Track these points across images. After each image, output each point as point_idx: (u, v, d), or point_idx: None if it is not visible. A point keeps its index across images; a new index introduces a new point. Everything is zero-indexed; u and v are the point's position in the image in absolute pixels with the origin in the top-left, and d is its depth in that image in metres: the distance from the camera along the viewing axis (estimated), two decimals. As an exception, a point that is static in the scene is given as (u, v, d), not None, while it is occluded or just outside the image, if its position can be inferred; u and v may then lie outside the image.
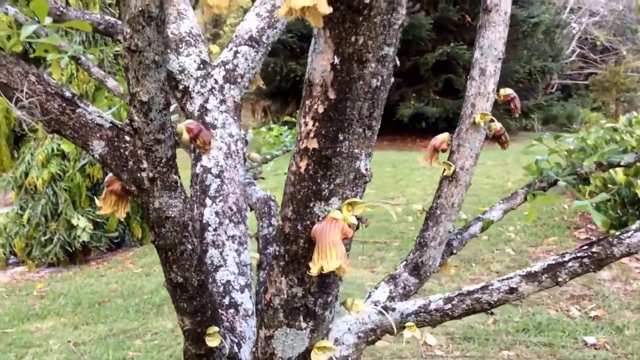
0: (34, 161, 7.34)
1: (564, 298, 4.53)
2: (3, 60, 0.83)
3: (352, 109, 0.80)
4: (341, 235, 0.80)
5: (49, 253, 7.21)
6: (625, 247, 1.18)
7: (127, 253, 7.68)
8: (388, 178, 10.25)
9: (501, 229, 6.62)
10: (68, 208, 7.22)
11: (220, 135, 1.40)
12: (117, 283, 6.44)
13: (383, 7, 0.76)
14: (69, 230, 7.21)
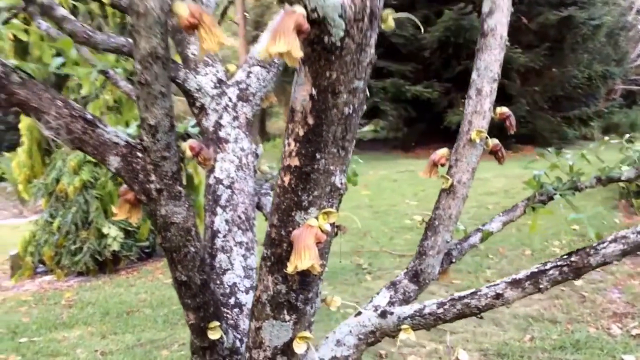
0: (66, 168, 7.67)
1: (605, 316, 4.60)
2: (34, 88, 1.07)
3: (328, 133, 1.01)
4: (315, 239, 1.01)
5: (78, 262, 7.51)
6: (601, 257, 1.35)
7: (157, 263, 7.99)
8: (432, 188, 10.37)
9: (546, 244, 6.70)
10: (99, 216, 7.54)
11: (233, 149, 1.63)
12: (146, 293, 6.73)
13: (352, 48, 0.97)
14: (99, 239, 7.51)
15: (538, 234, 6.95)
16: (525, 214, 1.76)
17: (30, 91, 1.05)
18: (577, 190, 1.75)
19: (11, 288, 7.39)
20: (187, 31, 0.92)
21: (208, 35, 0.92)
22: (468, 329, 4.57)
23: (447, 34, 14.54)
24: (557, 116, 16.17)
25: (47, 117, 1.05)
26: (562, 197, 1.69)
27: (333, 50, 0.97)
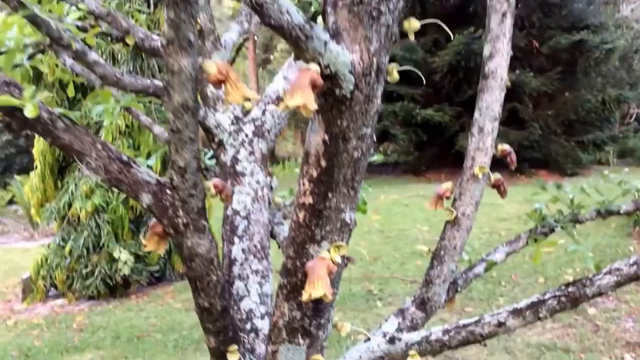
0: (78, 192, 7.85)
1: (619, 345, 4.67)
2: (77, 133, 1.22)
3: (339, 174, 1.14)
4: (327, 270, 1.14)
5: (89, 286, 7.66)
6: (597, 288, 1.47)
7: (167, 287, 8.11)
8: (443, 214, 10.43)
9: (559, 271, 6.77)
10: (110, 241, 7.69)
11: (249, 183, 1.77)
12: (156, 318, 6.84)
13: (361, 100, 1.11)
14: (110, 263, 7.67)
15: (551, 261, 7.02)
16: (528, 244, 1.87)
17: (73, 136, 1.20)
18: (577, 222, 1.87)
19: (23, 311, 7.53)
20: (214, 86, 1.06)
21: (233, 89, 1.07)
22: (481, 357, 4.65)
23: (458, 57, 14.72)
24: (571, 141, 16.25)
25: (88, 158, 1.19)
26: (563, 230, 1.80)
27: (344, 101, 1.10)
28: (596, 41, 15.25)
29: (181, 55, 1.03)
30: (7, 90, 1.18)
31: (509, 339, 4.92)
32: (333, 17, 1.10)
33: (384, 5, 1.07)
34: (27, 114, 1.11)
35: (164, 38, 1.03)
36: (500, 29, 1.69)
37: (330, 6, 1.10)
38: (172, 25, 1.00)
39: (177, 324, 6.56)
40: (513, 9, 1.69)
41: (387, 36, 1.10)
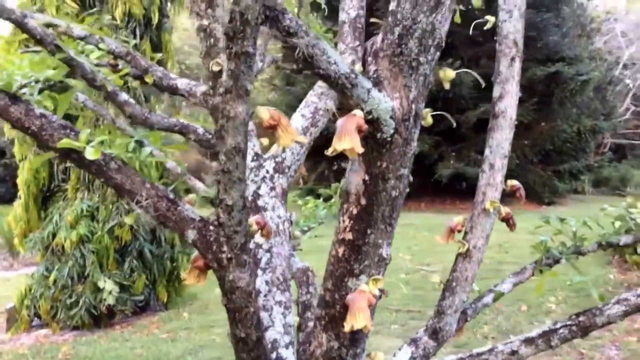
0: (63, 222, 7.83)
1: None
2: (128, 173, 1.29)
3: (377, 212, 1.23)
4: (367, 303, 1.21)
5: (74, 316, 7.60)
6: (606, 317, 1.56)
7: (152, 317, 8.07)
8: (425, 243, 10.55)
9: (542, 300, 6.89)
10: (95, 270, 7.66)
11: (270, 217, 1.84)
12: (142, 348, 6.80)
13: (400, 142, 1.20)
14: (95, 293, 7.63)
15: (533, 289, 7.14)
16: (534, 275, 1.97)
17: (125, 176, 1.27)
18: (580, 254, 1.97)
19: (8, 341, 7.44)
20: (266, 131, 1.15)
21: (284, 133, 1.15)
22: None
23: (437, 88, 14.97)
24: (547, 170, 16.59)
25: (138, 197, 1.26)
26: (568, 261, 1.90)
27: (384, 144, 1.19)
28: (571, 73, 15.69)
29: (237, 102, 1.11)
30: (65, 133, 1.25)
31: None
32: (374, 66, 1.20)
33: (423, 57, 1.17)
34: (89, 156, 1.18)
35: (222, 87, 1.11)
36: (509, 71, 1.81)
37: (372, 56, 1.20)
38: (232, 75, 1.08)
39: (163, 354, 6.53)
40: (521, 53, 1.81)
41: (424, 84, 1.20)
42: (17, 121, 1.24)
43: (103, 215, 7.82)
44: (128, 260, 7.95)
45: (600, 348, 5.33)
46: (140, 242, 7.98)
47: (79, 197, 7.95)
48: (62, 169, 8.10)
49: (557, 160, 17.29)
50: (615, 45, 24.22)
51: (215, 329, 7.20)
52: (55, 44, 1.61)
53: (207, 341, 6.79)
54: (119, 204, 7.83)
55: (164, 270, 8.25)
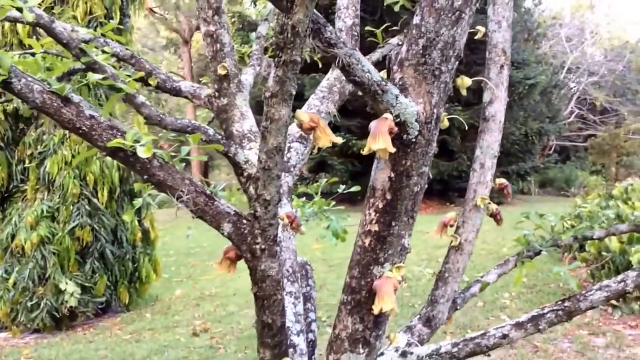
0: (22, 223, 7.68)
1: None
2: (169, 170, 1.39)
3: (401, 206, 1.36)
4: (393, 288, 1.34)
5: (35, 319, 7.45)
6: (589, 302, 1.73)
7: (114, 319, 8.01)
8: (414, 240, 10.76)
9: (496, 295, 7.16)
10: (56, 272, 7.54)
11: (277, 213, 1.95)
12: (106, 349, 6.76)
13: (423, 143, 1.33)
14: (56, 295, 7.50)
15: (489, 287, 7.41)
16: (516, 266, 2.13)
17: (166, 173, 1.37)
18: (557, 247, 2.14)
19: (-35, 346, 7.28)
20: (306, 132, 1.27)
21: (322, 134, 1.27)
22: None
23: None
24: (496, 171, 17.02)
25: (179, 192, 1.36)
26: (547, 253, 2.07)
27: (409, 144, 1.33)
28: (519, 77, 16.20)
29: (282, 106, 1.22)
30: (112, 133, 1.34)
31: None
32: (400, 74, 1.33)
33: (444, 66, 1.31)
34: (141, 154, 1.28)
35: (268, 91, 1.22)
36: (498, 78, 1.97)
37: (397, 65, 1.33)
38: (279, 81, 1.20)
39: (128, 355, 6.51)
40: (509, 62, 1.97)
41: (444, 91, 1.34)
42: (68, 122, 1.32)
43: (64, 216, 7.69)
44: (89, 261, 7.85)
45: (554, 341, 5.59)
46: (101, 243, 7.90)
47: (38, 197, 7.81)
48: (20, 169, 7.94)
49: (505, 161, 17.81)
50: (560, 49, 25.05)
51: (179, 329, 7.22)
52: (80, 48, 1.69)
53: (171, 341, 6.79)
54: (79, 205, 7.74)
55: (125, 271, 8.19)
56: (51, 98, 1.32)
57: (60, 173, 7.79)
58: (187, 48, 24.40)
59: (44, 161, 7.78)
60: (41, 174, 7.72)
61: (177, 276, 10.53)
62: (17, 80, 1.29)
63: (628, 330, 5.70)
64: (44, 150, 7.89)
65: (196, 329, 7.02)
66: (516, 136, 16.91)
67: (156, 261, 8.76)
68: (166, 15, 24.17)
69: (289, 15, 1.12)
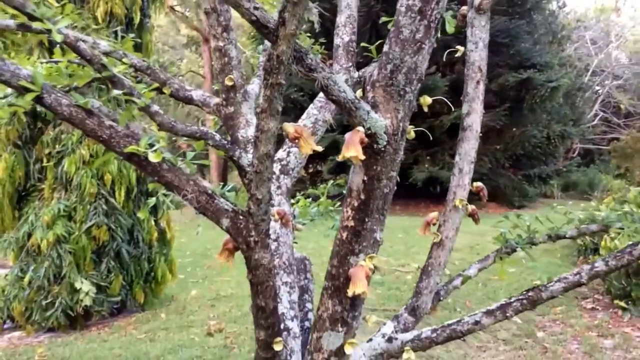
0: (39, 222, 8.01)
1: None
2: (176, 172, 1.69)
3: (373, 205, 1.65)
4: (365, 275, 1.64)
5: (49, 317, 7.73)
6: (550, 292, 2.01)
7: (129, 318, 8.32)
8: (400, 245, 11.05)
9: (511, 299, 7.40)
10: (72, 271, 7.86)
11: (276, 211, 2.26)
12: (120, 348, 7.04)
13: (391, 152, 1.63)
14: (71, 294, 7.80)
15: (502, 288, 7.67)
16: (495, 262, 2.41)
17: (174, 174, 1.67)
18: (533, 244, 2.42)
19: (-21, 345, 7.62)
20: (292, 141, 1.56)
21: (305, 144, 1.57)
22: (441, 377, 5.15)
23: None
24: (518, 174, 17.27)
25: (184, 192, 1.67)
26: (523, 250, 2.35)
27: (379, 153, 1.62)
28: (542, 79, 16.37)
29: (270, 120, 1.52)
30: (128, 141, 1.65)
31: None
32: (371, 93, 1.63)
33: (408, 87, 1.60)
34: (152, 159, 1.59)
35: (259, 107, 1.52)
36: (475, 92, 2.25)
37: (370, 86, 1.63)
38: (267, 100, 1.50)
39: (142, 354, 6.76)
40: (485, 77, 2.25)
41: (409, 108, 1.63)
42: (91, 131, 1.63)
43: (80, 215, 7.99)
44: (105, 260, 8.14)
45: (563, 342, 5.82)
46: (117, 242, 8.19)
47: (55, 196, 8.12)
48: (38, 168, 8.25)
49: (527, 164, 17.99)
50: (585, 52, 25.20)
51: (193, 328, 7.48)
52: (101, 64, 2.00)
53: (186, 340, 7.02)
54: (96, 204, 8.05)
55: (141, 271, 8.47)
56: (77, 111, 1.63)
57: (77, 172, 8.10)
58: (208, 46, 24.85)
59: (61, 160, 8.10)
60: (59, 173, 8.04)
61: (193, 277, 10.86)
62: (48, 96, 1.61)
63: (636, 332, 5.92)
64: (62, 149, 8.23)
65: (211, 329, 7.25)
66: (538, 139, 17.08)
67: (172, 261, 9.05)
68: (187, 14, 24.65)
69: (274, 47, 1.42)
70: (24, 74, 1.56)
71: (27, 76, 1.57)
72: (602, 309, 6.81)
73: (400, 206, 16.36)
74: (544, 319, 6.58)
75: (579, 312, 6.72)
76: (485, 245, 10.17)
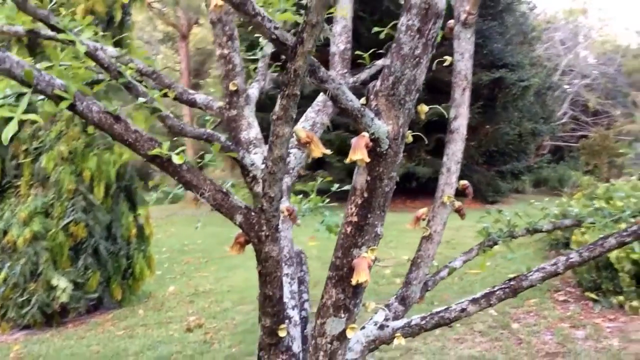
0: (15, 218, 8.04)
1: (539, 355, 5.53)
2: (195, 172, 1.88)
3: (375, 202, 1.86)
4: (367, 265, 1.84)
5: (25, 315, 7.76)
6: (529, 281, 2.24)
7: (106, 315, 8.40)
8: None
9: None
10: (48, 268, 7.90)
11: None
12: (98, 345, 7.10)
13: (392, 154, 1.83)
14: (48, 291, 7.84)
15: (478, 282, 7.96)
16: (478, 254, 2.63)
17: (192, 175, 1.86)
18: (513, 237, 2.65)
19: (-48, 343, 7.62)
20: (303, 146, 1.76)
21: (316, 147, 1.77)
22: (420, 369, 5.38)
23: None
24: (491, 170, 17.69)
25: (202, 190, 1.85)
26: (504, 243, 2.58)
27: (381, 155, 1.82)
28: (513, 78, 16.84)
29: (285, 126, 1.71)
30: (151, 144, 1.83)
31: (444, 352, 5.69)
32: (375, 102, 1.83)
33: (408, 97, 1.81)
34: (175, 161, 1.77)
35: (275, 114, 1.71)
36: (462, 98, 2.47)
37: (373, 95, 1.83)
38: (283, 108, 1.69)
39: (121, 350, 6.82)
40: (470, 84, 2.47)
41: (408, 115, 1.84)
42: (119, 135, 1.81)
43: (58, 212, 8.05)
44: (83, 257, 8.20)
45: (537, 333, 6.10)
46: (95, 239, 8.26)
47: (32, 193, 8.17)
48: (14, 164, 8.28)
49: (500, 161, 18.45)
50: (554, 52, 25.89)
51: (172, 324, 7.59)
52: (118, 71, 2.17)
53: (165, 337, 7.12)
54: (75, 201, 8.12)
55: (119, 268, 8.56)
56: (106, 117, 1.81)
57: (56, 169, 8.16)
58: (185, 43, 24.90)
59: (39, 157, 8.16)
60: (36, 170, 8.11)
61: (171, 273, 10.98)
62: (80, 103, 1.78)
63: (607, 322, 6.23)
64: (39, 145, 8.29)
65: (190, 325, 7.35)
66: (511, 136, 17.54)
67: (150, 257, 9.15)
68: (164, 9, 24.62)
69: (292, 62, 1.61)
70: (58, 83, 1.73)
71: (61, 85, 1.73)
72: (573, 301, 7.13)
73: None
74: (518, 311, 6.86)
75: (551, 304, 7.03)
76: (461, 240, 10.47)
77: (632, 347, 5.46)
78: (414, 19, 1.78)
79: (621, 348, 5.47)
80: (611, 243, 2.19)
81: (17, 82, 1.71)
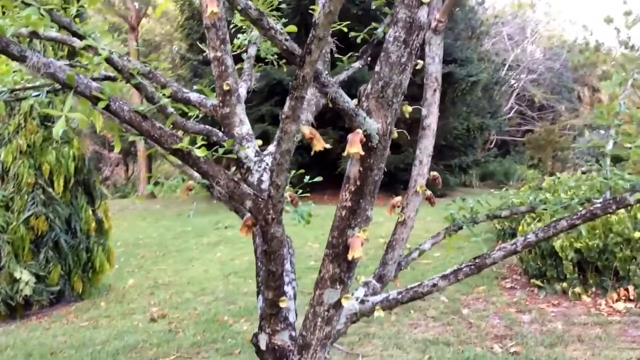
0: (-24, 212, 8.13)
1: (489, 338, 5.97)
2: (211, 163, 2.17)
3: (366, 189, 2.19)
4: (360, 243, 2.17)
5: None
6: (492, 259, 2.61)
7: (68, 307, 8.53)
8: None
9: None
10: (11, 261, 8.01)
11: (268, 196, 2.76)
12: (64, 335, 7.25)
13: (381, 148, 2.17)
14: (11, 283, 7.97)
15: (430, 271, 8.41)
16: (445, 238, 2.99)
17: (209, 166, 2.15)
18: (475, 223, 3.01)
19: None
20: (307, 140, 2.07)
21: (318, 142, 2.08)
22: (376, 352, 5.71)
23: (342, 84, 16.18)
24: (440, 164, 18.27)
25: (217, 179, 2.15)
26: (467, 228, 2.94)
27: (372, 149, 2.16)
28: (462, 74, 17.42)
29: (292, 124, 2.02)
30: (173, 139, 2.11)
31: (399, 336, 6.06)
32: (366, 103, 2.16)
33: (395, 99, 2.15)
34: (198, 154, 2.06)
35: (284, 114, 2.01)
36: (432, 98, 2.82)
37: (364, 97, 2.16)
38: (292, 109, 1.99)
39: (87, 339, 6.97)
40: (440, 86, 2.82)
41: (395, 114, 2.18)
42: (146, 131, 2.09)
43: (18, 205, 8.16)
44: (44, 250, 8.31)
45: (486, 318, 6.54)
46: (56, 232, 8.38)
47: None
48: (-27, 159, 8.33)
49: (449, 155, 19.06)
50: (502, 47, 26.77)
51: (136, 315, 7.78)
52: (130, 73, 2.44)
53: (130, 327, 7.30)
54: (34, 194, 8.22)
55: (79, 261, 8.69)
56: (135, 115, 2.08)
57: (15, 162, 8.24)
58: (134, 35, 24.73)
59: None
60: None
61: (128, 266, 11.11)
62: (113, 103, 2.05)
63: (551, 307, 6.73)
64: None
65: (154, 315, 7.54)
66: (459, 131, 18.13)
67: (110, 251, 9.30)
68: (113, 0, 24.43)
69: (300, 69, 1.92)
70: (94, 86, 2.00)
71: (97, 88, 2.00)
72: (520, 287, 7.63)
73: (329, 195, 17.00)
74: (468, 298, 7.31)
75: (499, 290, 7.52)
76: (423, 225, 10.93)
77: (574, 330, 5.92)
78: (400, 31, 2.12)
79: (565, 331, 5.92)
80: (563, 225, 2.57)
81: (59, 84, 1.97)
